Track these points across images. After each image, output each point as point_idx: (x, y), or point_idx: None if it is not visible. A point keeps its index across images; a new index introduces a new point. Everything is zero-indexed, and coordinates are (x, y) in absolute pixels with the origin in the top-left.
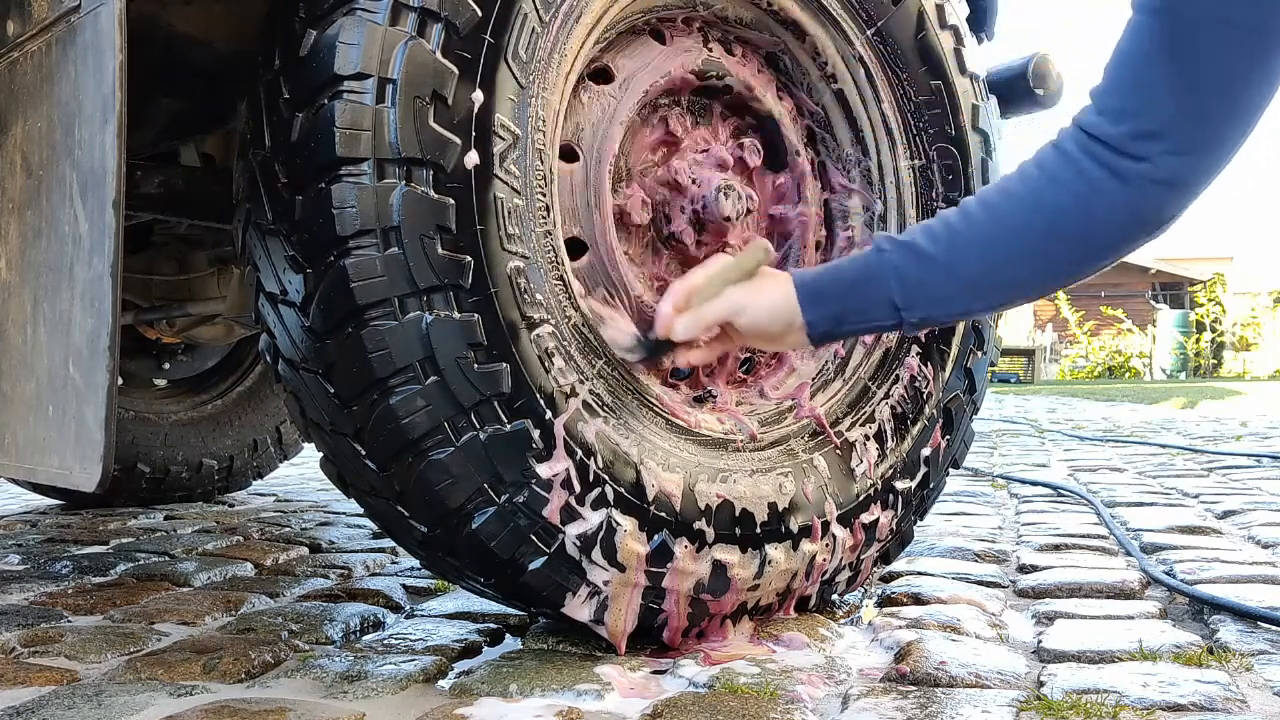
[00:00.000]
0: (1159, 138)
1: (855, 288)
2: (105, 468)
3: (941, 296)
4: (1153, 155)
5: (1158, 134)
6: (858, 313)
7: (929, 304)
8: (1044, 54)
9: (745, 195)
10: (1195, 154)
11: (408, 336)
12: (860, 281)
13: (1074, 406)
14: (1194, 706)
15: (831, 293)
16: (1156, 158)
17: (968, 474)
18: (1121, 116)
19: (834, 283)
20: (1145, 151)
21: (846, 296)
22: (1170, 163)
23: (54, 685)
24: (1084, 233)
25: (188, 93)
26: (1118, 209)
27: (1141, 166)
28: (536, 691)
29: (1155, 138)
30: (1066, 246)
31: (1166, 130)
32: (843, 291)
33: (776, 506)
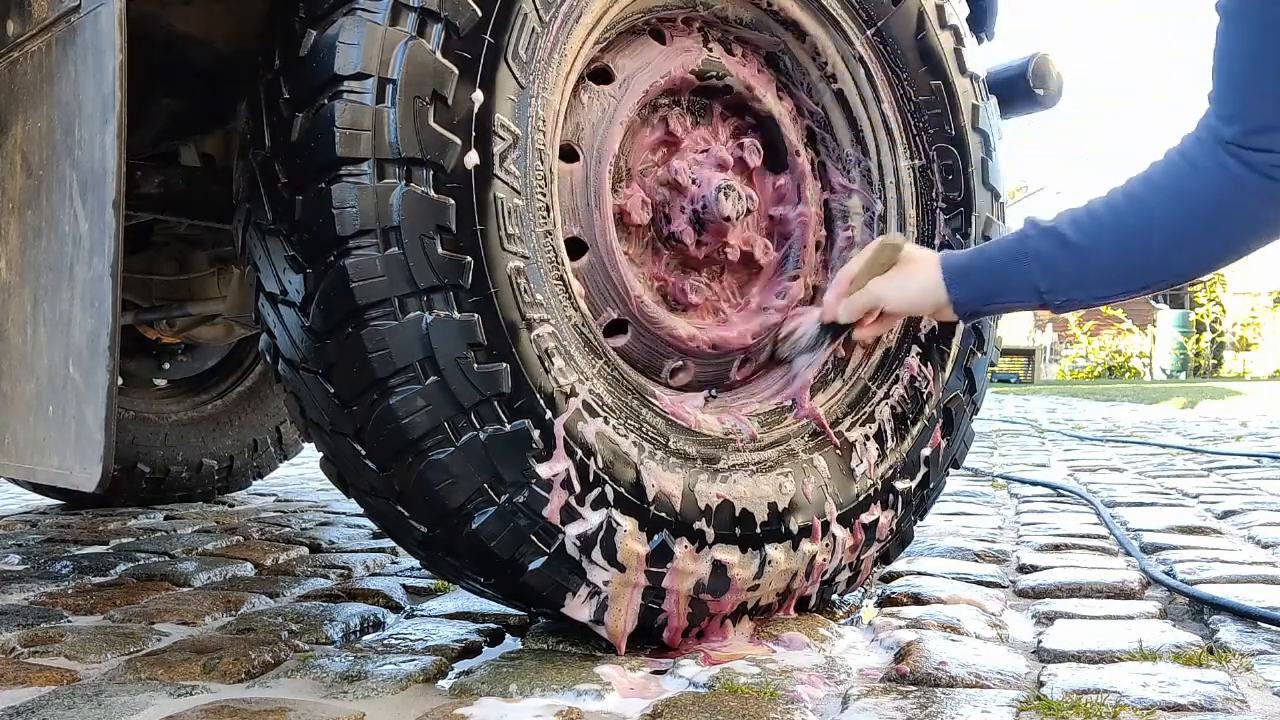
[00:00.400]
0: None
1: (1001, 270)
2: (105, 468)
3: (1084, 282)
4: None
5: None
6: (1002, 293)
7: (1071, 288)
8: (1044, 54)
9: (745, 195)
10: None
11: (408, 336)
12: (1006, 265)
13: (1074, 406)
14: (1194, 706)
15: (977, 274)
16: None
17: (968, 474)
18: (1232, 119)
19: (980, 264)
20: (1267, 143)
21: (992, 278)
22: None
23: (54, 685)
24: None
25: (188, 93)
26: (1259, 198)
27: (1268, 156)
28: (536, 691)
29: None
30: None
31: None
32: (989, 273)
33: (776, 506)
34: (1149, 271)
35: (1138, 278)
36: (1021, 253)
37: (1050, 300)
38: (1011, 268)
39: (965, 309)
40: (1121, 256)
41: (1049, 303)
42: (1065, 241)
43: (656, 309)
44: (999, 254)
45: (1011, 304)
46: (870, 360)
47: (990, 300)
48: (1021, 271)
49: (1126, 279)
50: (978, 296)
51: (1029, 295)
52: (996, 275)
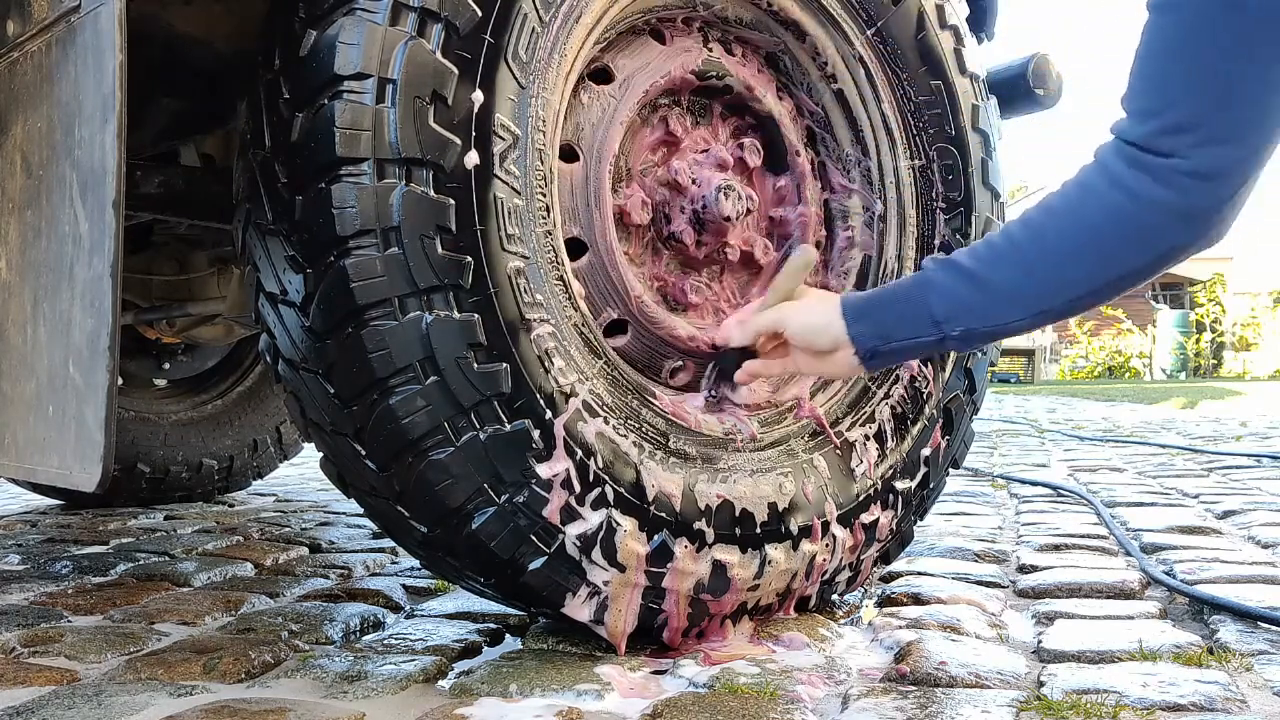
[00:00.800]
0: (1185, 131)
1: (897, 303)
2: (105, 468)
3: (980, 309)
4: (1181, 149)
5: (1183, 127)
6: (900, 327)
7: (968, 316)
8: (1044, 54)
9: (745, 195)
10: (1226, 143)
11: (408, 336)
12: (902, 297)
13: (1074, 406)
14: (1194, 706)
15: (875, 308)
16: (1186, 151)
17: (968, 474)
18: (1146, 116)
19: (877, 299)
20: (1173, 147)
21: (891, 312)
22: (1201, 155)
23: (54, 685)
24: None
25: (188, 93)
26: (1158, 210)
27: (1172, 162)
28: (536, 691)
29: (1181, 131)
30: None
31: (1191, 123)
32: (885, 306)
33: (776, 506)
34: (1043, 295)
35: (1032, 301)
36: (919, 284)
37: (948, 330)
38: (909, 300)
39: (865, 346)
40: (1015, 280)
41: (946, 334)
42: (961, 270)
43: (656, 309)
44: (898, 288)
45: (911, 341)
46: None
47: (889, 337)
48: (920, 302)
49: (1021, 303)
50: (877, 333)
51: (927, 327)
52: (895, 308)
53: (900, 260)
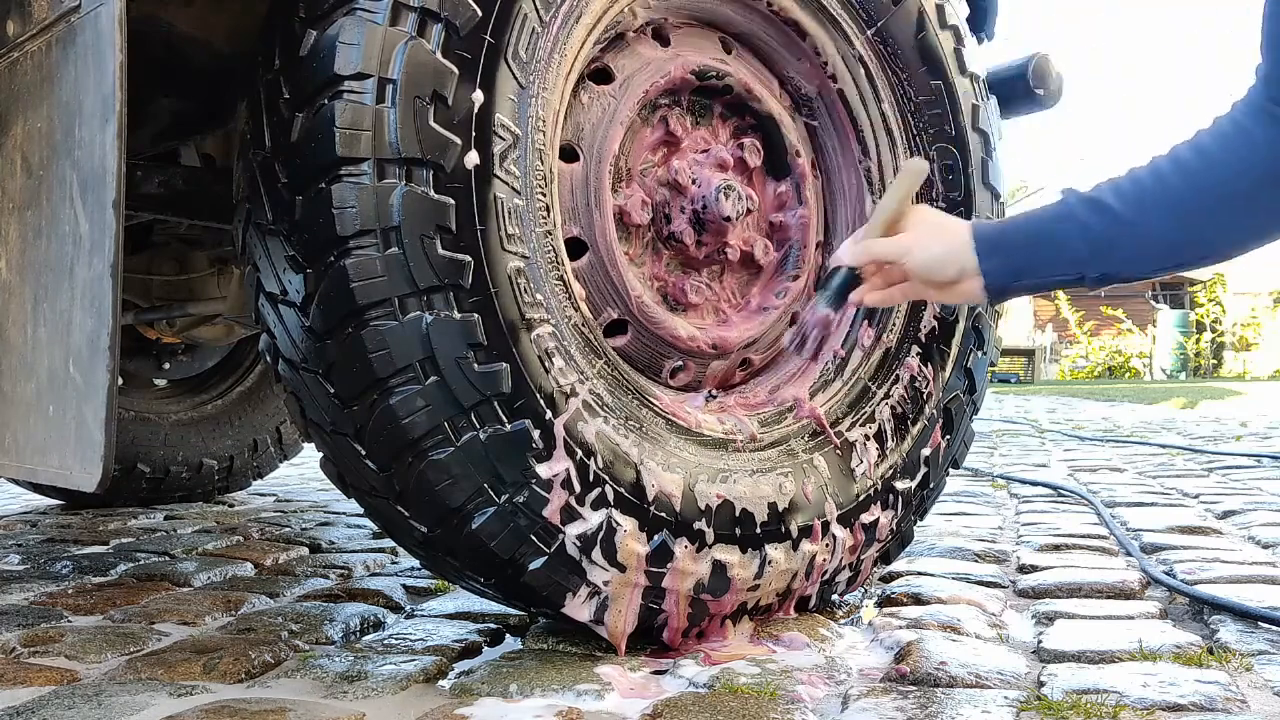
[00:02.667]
0: None
1: (1039, 242)
2: (105, 468)
3: (1129, 256)
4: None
5: None
6: (1039, 268)
7: (1116, 263)
8: (1044, 54)
9: (745, 195)
10: None
11: (408, 336)
12: (1045, 236)
13: (1074, 406)
14: (1194, 706)
15: (1014, 244)
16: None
17: (968, 474)
18: None
19: (1017, 234)
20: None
21: (1029, 250)
22: None
23: (54, 685)
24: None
25: (188, 93)
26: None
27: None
28: (536, 691)
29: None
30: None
31: None
32: (1026, 244)
33: (776, 507)
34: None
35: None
36: (1062, 219)
37: (1088, 272)
38: (1050, 238)
39: (996, 282)
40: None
41: (1086, 276)
42: (1107, 210)
43: (657, 309)
44: (1037, 223)
45: (1046, 279)
46: (870, 360)
47: (1023, 275)
48: (1062, 242)
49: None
50: (1010, 269)
51: (1066, 268)
52: (1033, 246)
53: None
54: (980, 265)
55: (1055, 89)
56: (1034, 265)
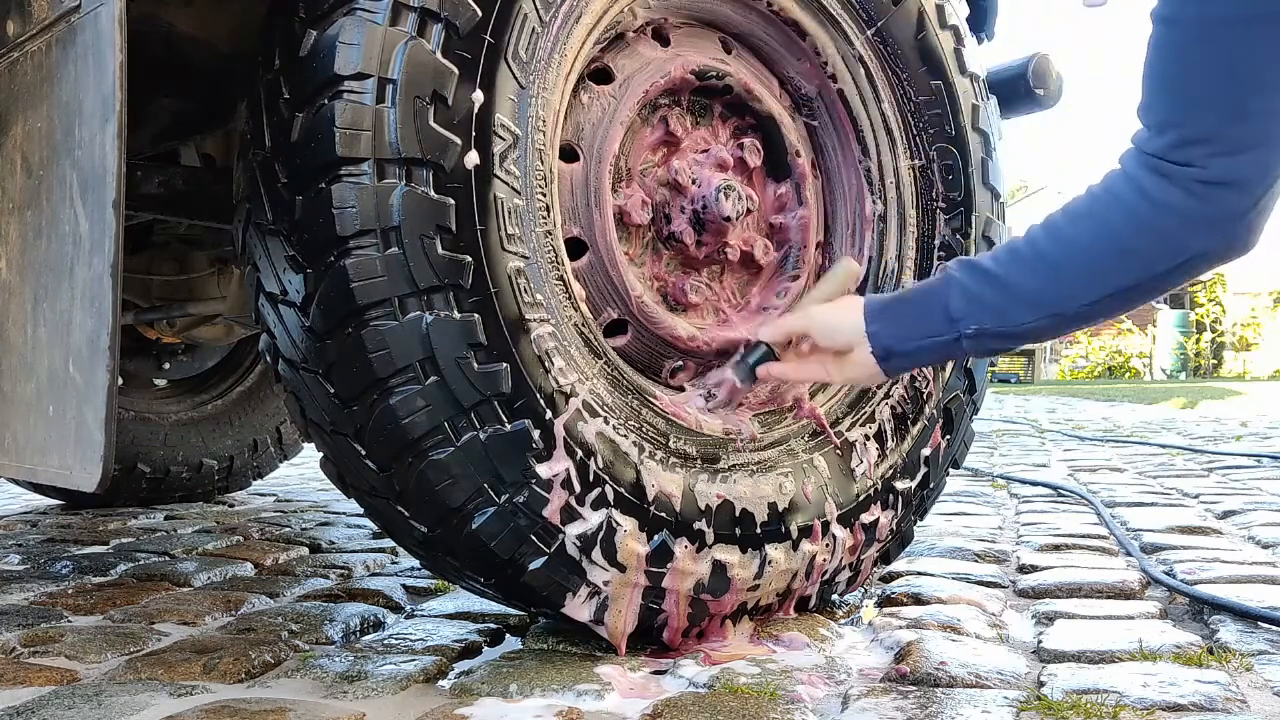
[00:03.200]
0: (1200, 142)
1: (919, 303)
2: (105, 468)
3: (996, 309)
4: (1197, 159)
5: (1198, 139)
6: (916, 325)
7: (983, 315)
8: (1044, 54)
9: (745, 195)
10: (1243, 152)
11: (408, 336)
12: (925, 298)
13: (1074, 406)
14: (1194, 706)
15: (897, 309)
16: (1203, 161)
17: (968, 474)
18: (1164, 128)
19: (901, 300)
20: (1189, 157)
21: (911, 312)
22: (1222, 164)
23: (54, 685)
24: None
25: (188, 93)
26: (1179, 217)
27: (1191, 171)
28: (536, 691)
29: (1196, 143)
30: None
31: (1205, 135)
32: (908, 308)
33: (776, 506)
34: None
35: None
36: (940, 283)
37: (963, 329)
38: (928, 299)
39: (880, 345)
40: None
41: (961, 332)
42: (981, 269)
43: (657, 309)
44: (919, 288)
45: (926, 340)
46: None
47: (905, 335)
48: (938, 299)
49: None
50: (893, 331)
51: (942, 325)
52: (914, 307)
53: (900, 261)
54: (866, 328)
55: (1055, 89)
56: (913, 327)
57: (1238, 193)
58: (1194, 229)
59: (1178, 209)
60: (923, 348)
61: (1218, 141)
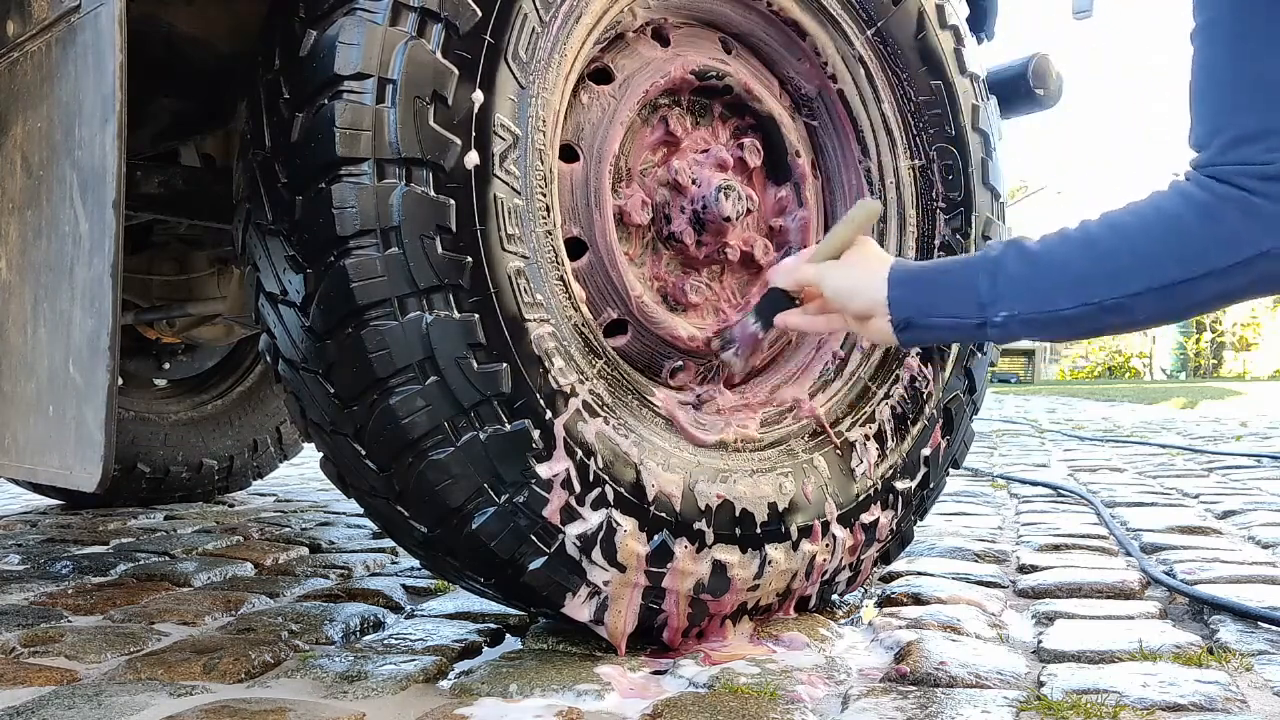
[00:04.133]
0: (1254, 139)
1: (946, 275)
2: (105, 468)
3: (1032, 291)
4: (1254, 156)
5: (1250, 136)
6: (942, 302)
7: (1016, 300)
8: (1044, 54)
9: (745, 195)
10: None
11: (408, 336)
12: (952, 270)
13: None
14: (1194, 706)
15: (925, 279)
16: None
17: (968, 474)
18: (1211, 136)
19: (932, 270)
20: (1244, 156)
21: (935, 283)
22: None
23: (54, 685)
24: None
25: (188, 93)
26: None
27: (1248, 169)
28: (536, 691)
29: (1249, 140)
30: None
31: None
32: (933, 277)
33: (776, 507)
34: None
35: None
36: (977, 260)
37: (990, 315)
38: (959, 274)
39: (900, 315)
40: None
41: (989, 318)
42: (1023, 249)
43: (657, 309)
44: (953, 261)
45: (950, 319)
46: (870, 360)
47: (928, 310)
48: (969, 278)
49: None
50: (916, 302)
51: (971, 308)
52: (941, 281)
53: None
54: (888, 294)
55: (1055, 89)
56: (939, 301)
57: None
58: (1252, 228)
59: (1236, 203)
60: (946, 326)
61: (1272, 135)
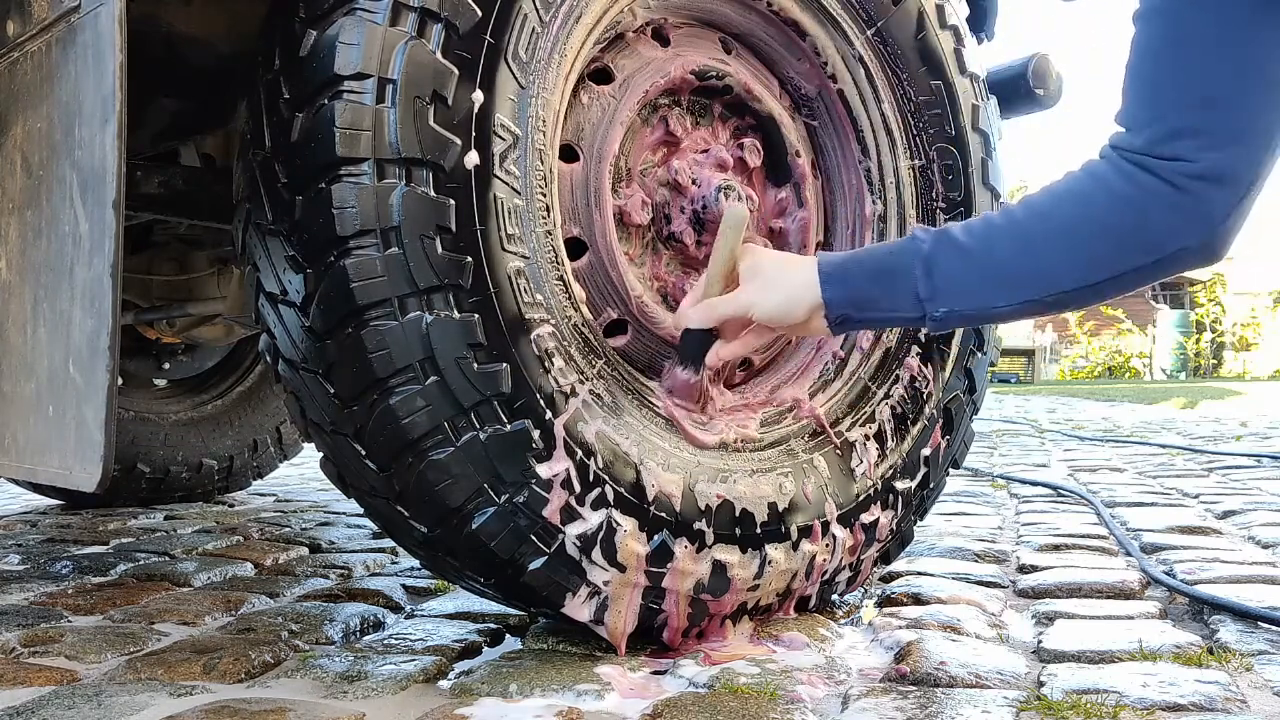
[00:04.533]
0: (1189, 135)
1: (880, 273)
2: (105, 468)
3: (969, 289)
4: (1186, 153)
5: (1186, 131)
6: (880, 300)
7: (955, 297)
8: (1044, 54)
9: (745, 195)
10: (1234, 145)
11: (408, 336)
12: (886, 267)
13: (1074, 406)
14: (1194, 706)
15: (855, 274)
16: (1192, 154)
17: (968, 474)
18: (1144, 124)
19: (861, 264)
20: (1180, 150)
21: (870, 280)
22: (1209, 158)
23: (54, 685)
24: (1134, 230)
25: (188, 93)
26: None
27: (1181, 165)
28: (536, 691)
29: (1185, 135)
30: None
31: (1193, 127)
32: (867, 274)
33: (776, 507)
34: (1038, 280)
35: (1025, 286)
36: (907, 253)
37: (930, 310)
38: (894, 271)
39: (837, 311)
40: (1012, 260)
41: (928, 313)
42: (954, 243)
43: (657, 309)
44: (882, 252)
45: (888, 315)
46: (870, 360)
47: (866, 306)
48: (905, 275)
49: (1014, 287)
50: (853, 299)
51: (909, 303)
52: (877, 275)
53: None
54: (823, 294)
55: (1055, 89)
56: (875, 297)
57: (1224, 189)
58: (1175, 224)
59: (1162, 199)
60: (882, 320)
61: (1207, 134)
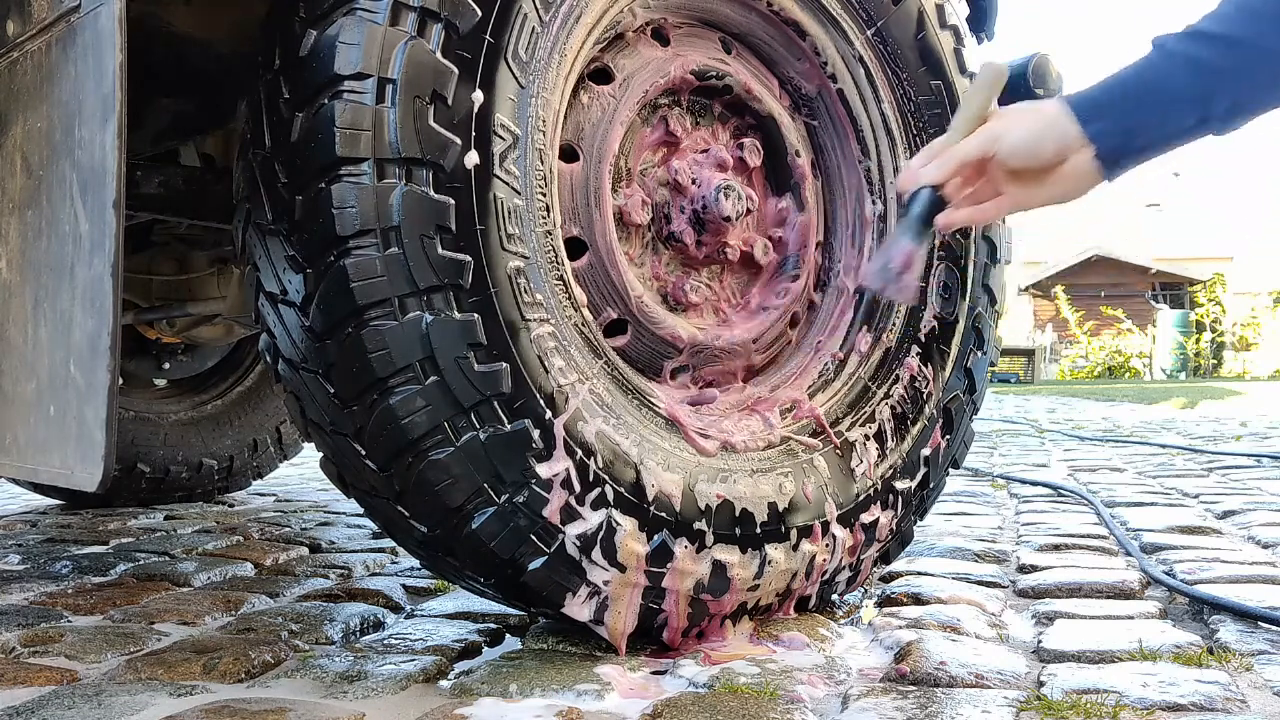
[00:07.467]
0: None
1: (1146, 91)
2: (105, 468)
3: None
4: None
5: None
6: (1153, 121)
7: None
8: (1044, 54)
9: (745, 195)
10: None
11: (408, 336)
12: (1150, 84)
13: (1074, 406)
14: (1194, 706)
15: (1118, 101)
16: None
17: (968, 474)
18: None
19: (1118, 90)
20: None
21: (1137, 103)
22: None
23: (54, 685)
24: None
25: (188, 93)
26: None
27: None
28: (536, 691)
29: None
30: None
31: None
32: (1131, 97)
33: (776, 506)
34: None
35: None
36: (1164, 61)
37: (1213, 111)
38: (1156, 83)
39: (1108, 147)
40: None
41: (1210, 113)
42: (1214, 38)
43: (657, 309)
44: (1135, 74)
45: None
46: (870, 360)
47: (1136, 133)
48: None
49: None
50: (1121, 129)
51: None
52: (1139, 97)
53: None
54: (1085, 131)
55: (1055, 89)
56: (1146, 119)
57: None
58: None
59: None
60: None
61: None
